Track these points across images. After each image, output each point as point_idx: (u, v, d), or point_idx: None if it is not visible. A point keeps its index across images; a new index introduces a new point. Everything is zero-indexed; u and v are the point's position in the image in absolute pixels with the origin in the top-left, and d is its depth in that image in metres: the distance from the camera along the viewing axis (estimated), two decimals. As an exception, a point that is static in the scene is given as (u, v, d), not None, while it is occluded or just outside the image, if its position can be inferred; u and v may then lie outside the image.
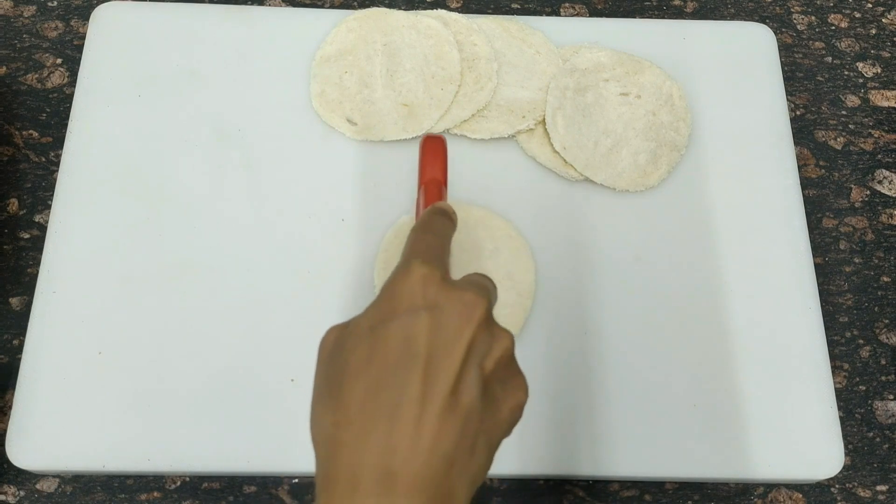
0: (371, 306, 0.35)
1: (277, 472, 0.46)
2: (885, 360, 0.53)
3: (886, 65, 0.62)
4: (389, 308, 0.34)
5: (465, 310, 0.33)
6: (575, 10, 0.63)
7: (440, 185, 0.44)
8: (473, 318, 0.33)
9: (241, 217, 0.51)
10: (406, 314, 0.33)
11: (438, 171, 0.44)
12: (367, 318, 0.34)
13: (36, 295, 0.48)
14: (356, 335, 0.34)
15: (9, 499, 0.47)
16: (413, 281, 0.34)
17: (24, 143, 0.56)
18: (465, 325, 0.33)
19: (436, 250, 0.37)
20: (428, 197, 0.43)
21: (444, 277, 0.35)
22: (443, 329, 0.33)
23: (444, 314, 0.33)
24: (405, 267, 0.35)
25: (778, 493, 0.49)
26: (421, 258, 0.35)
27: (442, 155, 0.45)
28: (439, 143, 0.45)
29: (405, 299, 0.34)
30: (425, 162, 0.45)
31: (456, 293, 0.34)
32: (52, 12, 0.60)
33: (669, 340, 0.49)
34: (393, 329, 0.33)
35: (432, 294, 0.34)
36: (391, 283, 0.35)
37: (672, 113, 0.55)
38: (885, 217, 0.57)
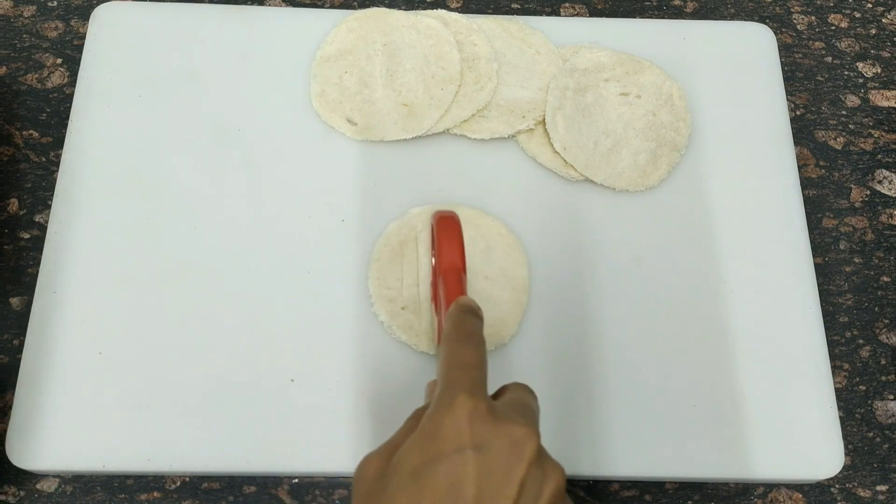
0: (414, 441, 0.33)
1: (277, 472, 0.46)
2: (885, 360, 0.53)
3: (886, 65, 0.62)
4: (435, 448, 0.32)
5: (515, 447, 0.32)
6: (575, 10, 0.63)
7: (460, 273, 0.43)
8: (524, 457, 0.32)
9: (241, 217, 0.51)
10: (452, 454, 0.32)
11: (457, 257, 0.43)
12: (411, 456, 0.33)
13: (36, 295, 0.48)
14: (400, 476, 0.32)
15: (9, 499, 0.47)
16: (459, 417, 0.32)
17: (24, 143, 0.56)
18: (516, 464, 0.32)
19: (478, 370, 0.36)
20: (448, 288, 0.42)
21: (491, 409, 0.33)
22: (492, 470, 0.31)
23: (492, 453, 0.32)
24: (450, 401, 0.33)
25: (778, 493, 0.49)
26: (466, 389, 0.33)
27: (458, 236, 0.43)
28: (454, 224, 0.44)
29: (451, 438, 0.32)
30: (441, 245, 0.43)
31: (504, 428, 0.32)
32: (52, 12, 0.60)
33: (669, 340, 0.49)
34: (440, 471, 0.31)
35: (479, 431, 0.32)
36: (435, 416, 0.33)
37: (672, 113, 0.55)
38: (885, 217, 0.57)
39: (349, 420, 0.46)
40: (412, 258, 0.49)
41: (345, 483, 0.48)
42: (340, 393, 0.47)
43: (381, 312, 0.48)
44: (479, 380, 0.35)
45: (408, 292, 0.48)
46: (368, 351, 0.48)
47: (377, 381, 0.47)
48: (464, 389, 0.34)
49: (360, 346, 0.48)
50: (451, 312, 0.39)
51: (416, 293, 0.48)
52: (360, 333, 0.48)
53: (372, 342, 0.48)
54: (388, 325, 0.48)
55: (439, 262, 0.44)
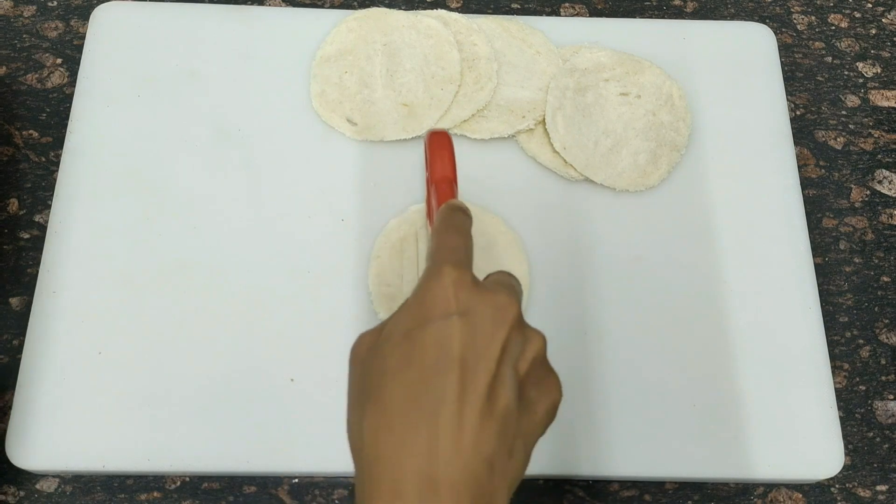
0: (403, 311, 0.35)
1: (277, 472, 0.46)
2: (885, 360, 0.53)
3: (886, 65, 0.62)
4: (422, 313, 0.34)
5: (497, 313, 0.34)
6: (575, 10, 0.63)
7: (451, 182, 0.44)
8: (506, 321, 0.34)
9: (240, 217, 0.51)
10: (440, 319, 0.33)
11: (448, 169, 0.44)
12: (400, 323, 0.34)
13: (36, 295, 0.48)
14: (391, 341, 0.34)
15: (9, 499, 0.47)
16: (445, 286, 0.34)
17: (24, 143, 0.56)
18: (499, 327, 0.33)
19: (463, 251, 0.37)
20: (440, 195, 0.43)
21: (475, 281, 0.35)
22: (477, 333, 0.33)
23: (477, 318, 0.33)
24: (436, 271, 0.35)
25: (778, 493, 0.49)
26: (451, 262, 0.35)
27: (449, 151, 0.45)
28: (445, 139, 0.45)
29: (438, 304, 0.34)
30: (434, 159, 0.44)
31: (488, 296, 0.34)
32: (52, 12, 0.60)
33: (669, 340, 0.49)
34: (428, 334, 0.33)
35: (464, 298, 0.34)
36: (423, 287, 0.35)
37: (672, 113, 0.55)
38: (885, 217, 0.57)
39: (349, 420, 0.46)
40: (412, 255, 0.49)
41: (345, 483, 0.48)
42: (340, 393, 0.46)
43: (381, 310, 0.48)
44: (465, 258, 0.37)
45: (408, 289, 0.48)
46: (368, 351, 0.48)
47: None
48: (449, 261, 0.35)
49: (360, 345, 0.48)
50: (440, 211, 0.41)
51: None
52: (361, 332, 0.48)
53: (372, 342, 0.48)
54: (388, 324, 0.48)
55: (432, 174, 0.44)
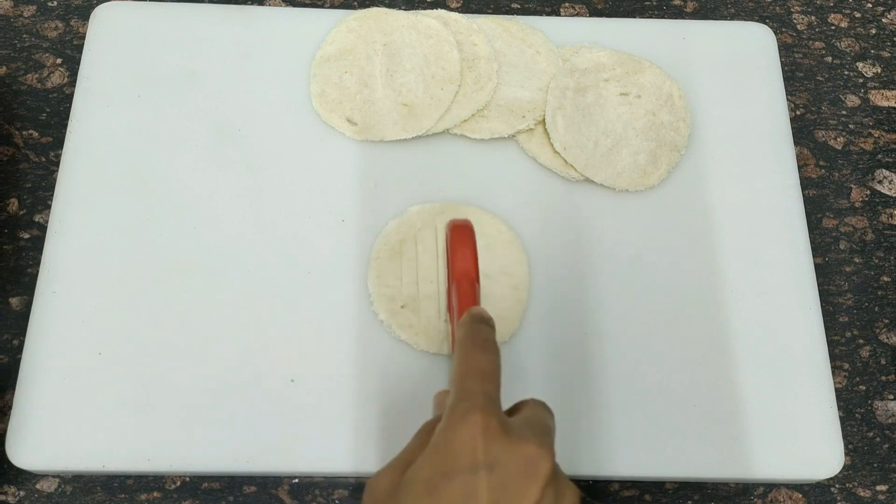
0: (427, 457, 0.33)
1: (277, 472, 0.46)
2: (885, 360, 0.53)
3: (886, 65, 0.62)
4: (447, 463, 0.32)
5: (528, 467, 0.32)
6: (575, 10, 0.63)
7: (473, 281, 0.43)
8: (538, 477, 0.32)
9: (240, 217, 0.51)
10: (465, 472, 0.31)
11: (470, 266, 0.43)
12: (423, 470, 0.33)
13: (36, 295, 0.48)
14: (412, 493, 0.32)
15: (9, 499, 0.47)
16: (473, 434, 0.32)
17: (24, 143, 0.56)
18: (530, 485, 0.31)
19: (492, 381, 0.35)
20: (461, 296, 0.42)
21: (505, 427, 0.33)
22: (506, 491, 0.31)
23: (506, 473, 0.31)
24: (463, 416, 0.33)
25: (778, 493, 0.49)
26: (480, 407, 0.33)
27: (472, 247, 0.44)
28: (467, 234, 0.44)
29: (464, 455, 0.32)
30: (455, 253, 0.43)
31: (518, 448, 0.32)
32: (52, 12, 0.60)
33: (669, 340, 0.49)
34: (452, 489, 0.31)
35: (493, 449, 0.32)
36: (449, 431, 0.33)
37: (672, 113, 0.55)
38: (885, 217, 0.57)
39: (349, 420, 0.46)
40: (411, 256, 0.49)
41: (345, 483, 0.48)
42: (340, 393, 0.47)
43: (381, 311, 0.48)
44: (493, 393, 0.35)
45: (407, 290, 0.48)
46: (368, 350, 0.48)
47: (377, 380, 0.47)
48: (477, 406, 0.33)
49: (360, 345, 0.48)
50: (463, 321, 0.40)
51: (416, 291, 0.48)
52: (360, 333, 0.48)
53: (372, 341, 0.48)
54: (387, 323, 0.48)
55: (453, 270, 0.44)
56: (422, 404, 0.46)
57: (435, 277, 0.49)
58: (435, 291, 0.48)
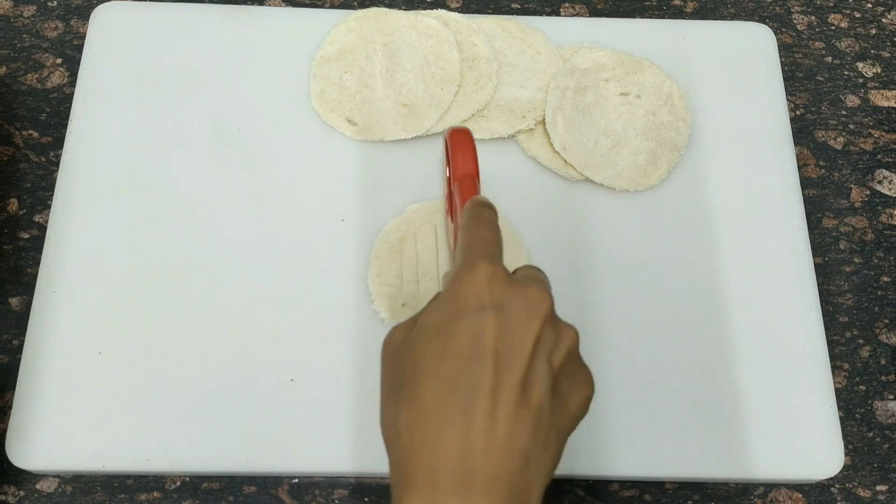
0: (437, 304, 0.35)
1: (277, 472, 0.46)
2: (885, 360, 0.53)
3: (886, 65, 0.62)
4: (456, 307, 0.34)
5: (530, 307, 0.34)
6: (575, 10, 0.63)
7: (474, 178, 0.44)
8: (539, 315, 0.34)
9: (240, 217, 0.51)
10: (473, 313, 0.34)
11: (471, 165, 0.44)
12: (433, 316, 0.35)
13: (36, 295, 0.48)
14: (424, 335, 0.34)
15: (9, 499, 0.47)
16: (479, 280, 0.34)
17: (24, 143, 0.56)
18: (532, 321, 0.34)
19: (494, 246, 0.38)
20: (464, 191, 0.43)
21: (508, 275, 0.36)
22: (510, 326, 0.33)
23: (510, 311, 0.34)
24: (470, 266, 0.35)
25: (778, 493, 0.49)
26: (484, 257, 0.35)
27: (471, 148, 0.45)
28: (467, 136, 0.45)
29: (472, 298, 0.34)
30: (456, 156, 0.45)
31: (521, 290, 0.34)
32: (52, 12, 0.60)
33: (669, 340, 0.49)
34: (462, 327, 0.33)
35: (498, 292, 0.34)
36: (457, 281, 0.35)
37: (672, 113, 0.55)
38: (885, 217, 0.57)
39: (349, 420, 0.46)
40: (411, 255, 0.49)
41: (345, 483, 0.48)
42: (340, 392, 0.47)
43: (382, 310, 0.48)
44: (497, 252, 0.37)
45: (408, 289, 0.48)
46: (369, 349, 0.48)
47: (378, 379, 0.47)
48: (483, 256, 0.36)
49: (361, 344, 0.48)
50: (466, 207, 0.41)
51: (416, 289, 0.48)
52: (361, 332, 0.48)
53: (372, 340, 0.48)
54: (388, 322, 0.48)
55: (454, 171, 0.45)
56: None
57: (435, 275, 0.49)
58: (435, 289, 0.48)
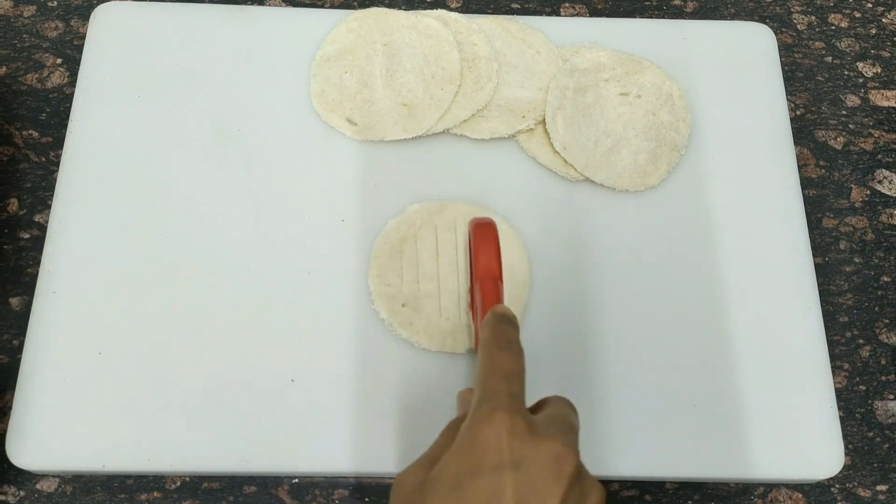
0: (452, 455, 0.34)
1: (277, 472, 0.46)
2: (885, 360, 0.53)
3: (886, 65, 0.62)
4: (473, 462, 0.33)
5: (554, 465, 0.32)
6: (575, 10, 0.63)
7: (496, 280, 0.43)
8: (563, 476, 0.32)
9: (240, 217, 0.51)
10: (491, 472, 0.32)
11: (493, 264, 0.43)
12: (449, 468, 0.33)
13: (36, 295, 0.48)
14: (438, 491, 0.33)
15: (9, 499, 0.47)
16: (498, 434, 0.33)
17: (24, 143, 0.56)
18: (555, 483, 0.32)
19: (516, 381, 0.36)
20: (486, 295, 0.42)
21: (530, 426, 0.33)
22: (532, 488, 0.31)
23: (531, 471, 0.32)
24: (488, 416, 0.33)
25: (778, 493, 0.49)
26: (504, 406, 0.33)
27: (494, 244, 0.44)
28: (491, 231, 0.44)
29: (490, 455, 0.32)
30: (479, 252, 0.44)
31: (543, 446, 0.33)
32: (52, 12, 0.60)
33: (669, 340, 0.49)
34: (479, 486, 0.32)
35: (518, 449, 0.32)
36: (474, 430, 0.33)
37: (672, 113, 0.55)
38: (885, 217, 0.57)
39: (349, 420, 0.46)
40: (412, 255, 0.49)
41: (345, 483, 0.48)
42: (340, 392, 0.47)
43: (382, 310, 0.48)
44: (518, 393, 0.35)
45: (408, 289, 0.48)
46: (369, 349, 0.48)
47: (378, 379, 0.47)
48: (502, 406, 0.34)
49: (361, 344, 0.48)
50: (487, 321, 0.40)
51: (417, 290, 0.48)
52: (361, 332, 0.48)
53: (373, 340, 0.48)
54: (388, 322, 0.48)
55: (476, 269, 0.44)
56: (423, 403, 0.46)
57: (435, 276, 0.49)
58: (435, 289, 0.48)
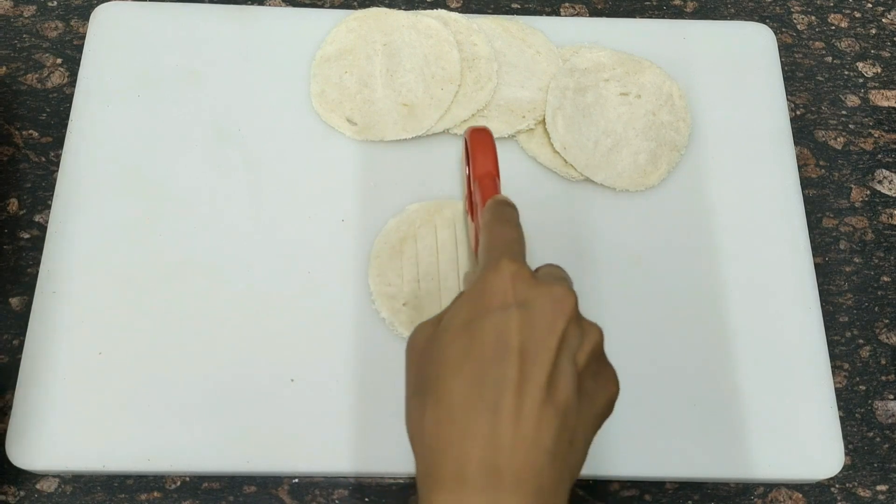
0: (461, 302, 0.35)
1: (277, 472, 0.46)
2: (885, 360, 0.53)
3: (886, 65, 0.62)
4: (481, 305, 0.34)
5: (555, 305, 0.34)
6: (575, 10, 0.63)
7: (494, 177, 0.44)
8: (564, 313, 0.34)
9: (240, 217, 0.51)
10: (498, 311, 0.34)
11: (491, 164, 0.45)
12: (458, 314, 0.35)
13: (36, 295, 0.48)
14: (449, 333, 0.34)
15: (9, 499, 0.47)
16: (503, 278, 0.35)
17: (24, 143, 0.56)
18: (557, 319, 0.34)
19: (518, 244, 0.38)
20: (484, 190, 0.44)
21: (532, 274, 0.36)
22: (535, 324, 0.33)
23: (535, 309, 0.34)
24: (495, 264, 0.35)
25: (778, 493, 0.49)
26: (508, 255, 0.36)
27: (491, 147, 0.45)
28: (487, 136, 0.46)
29: (497, 297, 0.34)
30: (476, 155, 0.45)
31: (545, 288, 0.35)
32: (52, 12, 0.60)
33: (669, 340, 0.49)
34: (487, 325, 0.34)
35: (523, 290, 0.34)
36: (482, 279, 0.35)
37: (672, 113, 0.55)
38: (885, 217, 0.57)
39: (349, 420, 0.46)
40: (412, 254, 0.49)
41: (345, 483, 0.48)
42: (340, 392, 0.47)
43: (383, 310, 0.48)
44: (520, 251, 0.38)
45: (408, 288, 0.48)
46: (370, 349, 0.48)
47: (378, 379, 0.47)
48: (507, 254, 0.36)
49: (362, 344, 0.48)
50: (488, 206, 0.41)
51: (417, 289, 0.48)
52: (362, 332, 0.48)
53: (373, 340, 0.48)
54: (389, 321, 0.48)
55: (474, 170, 0.45)
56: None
57: (436, 275, 0.49)
58: (436, 289, 0.48)
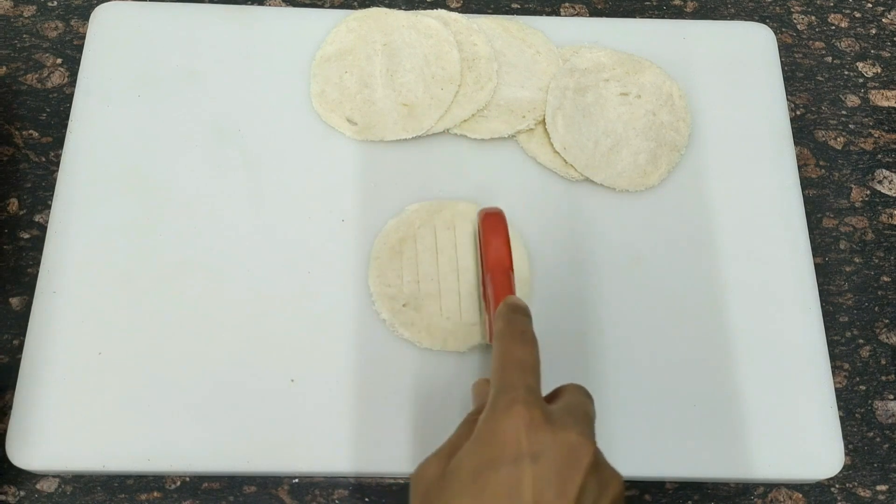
0: (472, 446, 0.34)
1: (277, 472, 0.46)
2: (885, 360, 0.53)
3: (886, 65, 0.62)
4: (492, 454, 0.33)
5: (571, 455, 0.32)
6: (575, 10, 0.63)
7: (508, 271, 0.43)
8: (581, 466, 0.32)
9: (240, 217, 0.51)
10: (510, 463, 0.32)
11: (504, 255, 0.43)
12: (468, 459, 0.33)
13: (36, 295, 0.48)
14: (459, 481, 0.33)
15: (9, 499, 0.47)
16: (516, 425, 0.33)
17: (24, 143, 0.56)
18: (573, 473, 0.32)
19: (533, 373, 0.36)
20: (497, 287, 0.43)
21: (546, 418, 0.34)
22: (550, 479, 0.32)
23: (550, 462, 0.32)
24: (507, 408, 0.34)
25: (778, 493, 0.49)
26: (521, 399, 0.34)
27: (504, 234, 0.44)
28: (500, 221, 0.45)
29: (509, 447, 0.33)
30: (489, 242, 0.44)
31: (561, 436, 0.33)
32: (52, 12, 0.60)
33: (669, 340, 0.49)
34: (498, 479, 0.32)
35: (536, 440, 0.33)
36: (493, 423, 0.34)
37: (672, 113, 0.55)
38: (885, 217, 0.57)
39: (349, 420, 0.46)
40: (412, 255, 0.49)
41: (345, 483, 0.48)
42: (341, 393, 0.47)
43: (383, 310, 0.48)
44: (534, 384, 0.36)
45: (408, 289, 0.48)
46: (370, 349, 0.48)
47: (379, 379, 0.47)
48: (519, 398, 0.34)
49: (362, 344, 0.48)
50: (500, 312, 0.40)
51: (417, 289, 0.48)
52: (362, 332, 0.48)
53: (373, 340, 0.48)
54: (389, 322, 0.48)
55: (486, 260, 0.44)
56: (424, 403, 0.46)
57: (435, 275, 0.49)
58: (436, 289, 0.48)
